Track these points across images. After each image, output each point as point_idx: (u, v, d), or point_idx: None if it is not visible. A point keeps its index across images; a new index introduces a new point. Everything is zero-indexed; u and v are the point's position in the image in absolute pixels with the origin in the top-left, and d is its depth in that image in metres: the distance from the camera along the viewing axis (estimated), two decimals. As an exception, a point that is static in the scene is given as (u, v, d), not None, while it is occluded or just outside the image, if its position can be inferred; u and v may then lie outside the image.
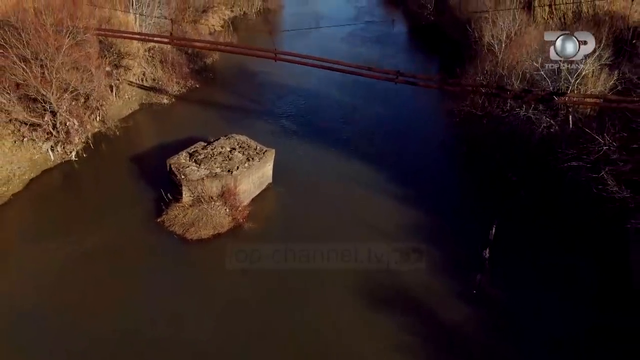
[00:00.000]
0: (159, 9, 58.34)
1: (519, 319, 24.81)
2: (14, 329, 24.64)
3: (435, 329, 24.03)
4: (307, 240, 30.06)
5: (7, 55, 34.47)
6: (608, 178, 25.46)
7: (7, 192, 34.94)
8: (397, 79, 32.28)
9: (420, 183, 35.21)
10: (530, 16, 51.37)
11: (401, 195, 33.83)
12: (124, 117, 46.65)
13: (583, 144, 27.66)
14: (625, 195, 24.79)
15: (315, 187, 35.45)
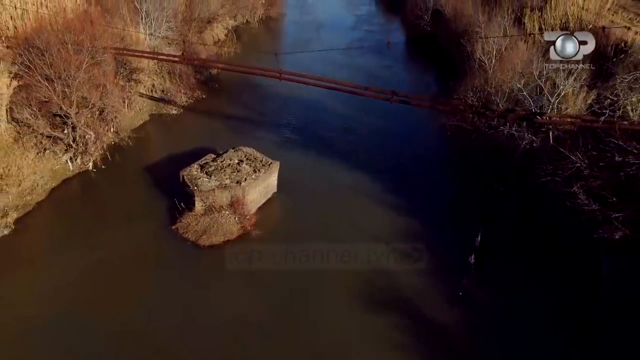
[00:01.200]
0: (167, 22, 61.20)
1: (501, 319, 27.47)
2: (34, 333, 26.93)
3: (424, 328, 26.75)
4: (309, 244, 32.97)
5: (32, 75, 37.30)
6: (579, 192, 28.29)
7: (31, 201, 37.66)
8: (392, 99, 35.17)
9: (413, 192, 37.91)
10: (521, 31, 54.21)
11: (396, 204, 36.57)
12: (136, 128, 49.22)
13: (558, 160, 30.53)
14: (594, 208, 27.63)
15: (316, 196, 38.18)
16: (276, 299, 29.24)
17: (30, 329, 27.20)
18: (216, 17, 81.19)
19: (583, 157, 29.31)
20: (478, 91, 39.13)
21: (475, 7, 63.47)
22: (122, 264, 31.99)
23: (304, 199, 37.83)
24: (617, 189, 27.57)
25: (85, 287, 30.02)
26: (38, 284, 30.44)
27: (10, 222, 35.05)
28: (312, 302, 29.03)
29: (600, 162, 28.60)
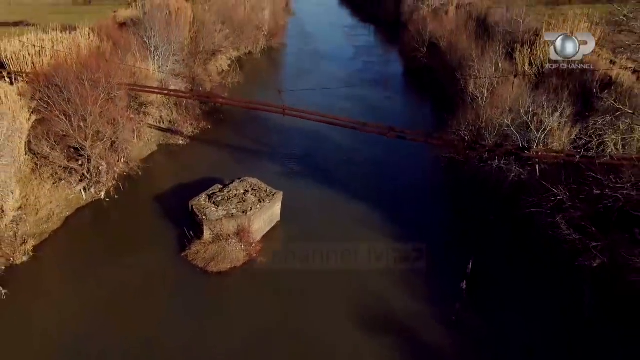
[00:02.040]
0: (174, 56, 64.08)
1: (492, 342, 29.40)
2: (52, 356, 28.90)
3: (419, 350, 28.69)
4: (311, 269, 35.15)
5: (51, 110, 39.78)
6: (561, 223, 30.52)
7: (47, 229, 39.75)
8: (389, 134, 37.63)
9: (409, 221, 39.94)
10: (513, 65, 56.89)
11: (393, 232, 38.57)
12: (145, 158, 51.47)
13: (543, 193, 32.82)
14: (574, 238, 29.83)
15: (318, 225, 40.27)
16: (279, 323, 31.17)
17: (49, 351, 29.11)
18: (220, 49, 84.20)
19: (565, 190, 31.64)
20: (470, 126, 41.48)
21: (469, 42, 66.59)
22: (135, 289, 33.91)
23: (306, 227, 39.89)
24: (596, 220, 29.81)
25: (100, 312, 31.87)
26: (55, 309, 32.33)
27: (29, 250, 37.03)
28: (312, 323, 30.94)
29: (581, 194, 30.92)
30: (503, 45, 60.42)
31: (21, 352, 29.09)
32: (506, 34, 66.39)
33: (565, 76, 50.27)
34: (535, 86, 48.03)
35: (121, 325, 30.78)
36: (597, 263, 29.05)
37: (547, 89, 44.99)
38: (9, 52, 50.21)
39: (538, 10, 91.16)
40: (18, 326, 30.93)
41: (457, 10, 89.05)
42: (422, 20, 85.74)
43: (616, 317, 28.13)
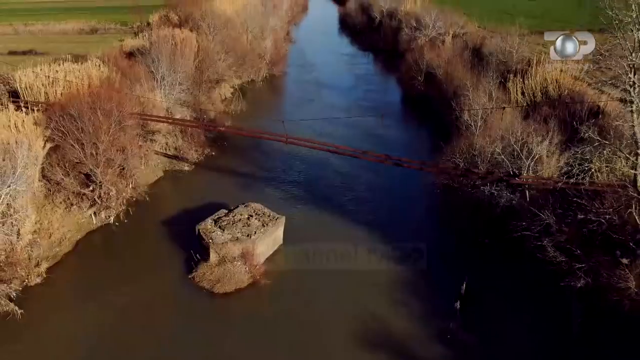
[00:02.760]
0: (180, 85, 66.51)
1: (485, 359, 31.10)
2: None
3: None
4: (312, 291, 37.02)
5: (66, 139, 41.87)
6: (548, 246, 32.34)
7: (60, 252, 41.58)
8: (386, 161, 39.67)
9: (406, 243, 41.58)
10: (506, 93, 59.15)
11: (390, 255, 40.28)
12: (152, 184, 53.47)
13: (531, 217, 34.71)
14: (561, 260, 31.61)
15: (319, 248, 41.72)
16: (283, 343, 32.76)
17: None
18: (223, 77, 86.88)
19: (551, 214, 33.50)
20: (464, 153, 43.45)
21: (465, 71, 69.08)
22: (143, 310, 35.64)
23: (307, 250, 41.42)
24: (580, 242, 31.62)
25: (109, 332, 33.61)
26: (67, 329, 34.10)
27: (42, 272, 38.85)
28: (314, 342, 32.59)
29: (566, 219, 32.78)
30: (497, 75, 62.97)
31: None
32: (500, 63, 68.78)
33: (556, 105, 52.77)
34: (526, 115, 50.14)
35: (130, 345, 32.42)
36: (582, 283, 30.78)
37: (537, 117, 47.21)
38: (23, 82, 52.67)
39: (532, 39, 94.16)
40: (32, 346, 32.68)
41: (453, 40, 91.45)
42: (419, 50, 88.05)
43: (601, 334, 29.74)
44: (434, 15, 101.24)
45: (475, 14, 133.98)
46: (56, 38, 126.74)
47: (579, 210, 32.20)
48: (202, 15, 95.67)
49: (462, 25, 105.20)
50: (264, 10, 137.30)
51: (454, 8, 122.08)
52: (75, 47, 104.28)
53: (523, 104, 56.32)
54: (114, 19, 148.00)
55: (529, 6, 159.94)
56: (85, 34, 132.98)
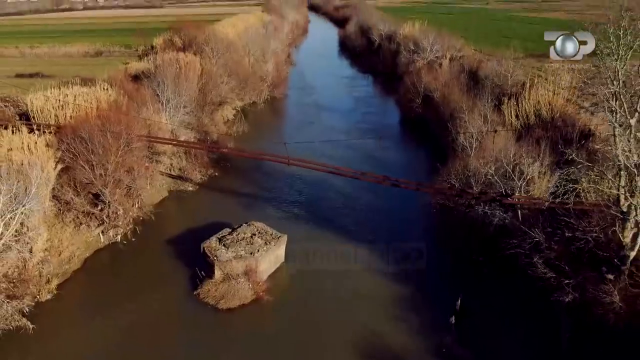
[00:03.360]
0: (184, 107, 68.49)
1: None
2: None
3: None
4: (312, 307, 38.46)
5: (76, 160, 43.62)
6: (538, 263, 33.89)
7: (69, 269, 43.04)
8: (384, 182, 41.33)
9: (404, 261, 43.05)
10: (500, 116, 61.02)
11: (388, 272, 41.70)
12: (157, 203, 55.07)
13: (522, 236, 36.32)
14: (550, 276, 33.14)
15: (319, 265, 43.26)
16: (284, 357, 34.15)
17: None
18: (226, 99, 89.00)
19: (541, 232, 35.10)
20: (459, 174, 45.13)
21: (461, 94, 71.13)
22: (150, 326, 37.01)
23: (308, 268, 42.93)
24: (569, 259, 33.16)
25: (117, 347, 34.84)
26: (76, 344, 35.41)
27: (53, 288, 40.30)
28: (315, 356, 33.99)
29: (555, 237, 34.36)
30: (492, 98, 64.82)
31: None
32: (495, 86, 70.69)
33: (548, 127, 54.64)
34: (519, 137, 51.88)
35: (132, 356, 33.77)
36: (570, 298, 32.21)
37: (530, 139, 48.95)
38: (34, 105, 54.60)
39: (527, 62, 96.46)
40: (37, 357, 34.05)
41: (450, 63, 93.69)
42: (417, 73, 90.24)
43: (589, 347, 31.14)
44: (431, 38, 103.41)
45: (473, 37, 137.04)
46: (62, 61, 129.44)
47: (567, 228, 33.75)
48: (206, 39, 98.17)
49: (459, 48, 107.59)
50: (265, 33, 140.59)
51: (452, 31, 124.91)
52: (81, 70, 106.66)
53: (517, 126, 58.22)
54: (118, 41, 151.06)
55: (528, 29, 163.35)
56: (90, 57, 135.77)
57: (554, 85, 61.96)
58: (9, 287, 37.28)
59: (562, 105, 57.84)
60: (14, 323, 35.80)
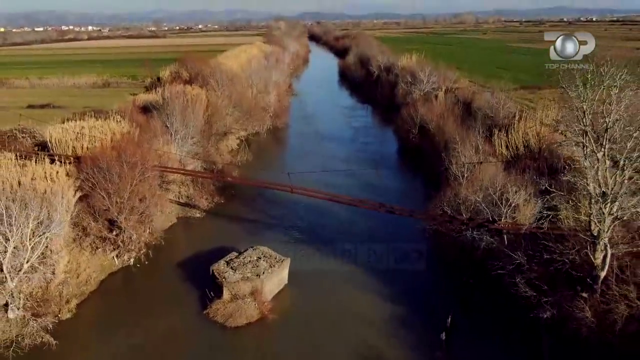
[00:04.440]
0: (192, 138, 72.24)
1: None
2: None
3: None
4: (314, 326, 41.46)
5: (95, 189, 47.08)
6: (520, 283, 37.09)
7: (86, 291, 46.10)
8: (380, 209, 44.73)
9: (399, 283, 46.13)
10: (491, 147, 64.62)
11: (387, 293, 44.73)
12: (166, 229, 58.18)
13: (505, 258, 39.57)
14: (530, 294, 36.32)
15: (320, 287, 46.40)
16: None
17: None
18: (231, 130, 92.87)
19: (523, 255, 38.37)
20: (451, 202, 48.49)
21: (455, 125, 74.83)
22: (162, 343, 39.93)
23: (310, 289, 46.04)
24: (547, 279, 36.34)
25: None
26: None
27: (72, 308, 43.31)
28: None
29: (535, 259, 37.62)
30: (484, 129, 68.53)
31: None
32: (487, 118, 74.53)
33: (536, 158, 58.24)
34: (507, 167, 55.37)
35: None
36: (548, 314, 35.34)
37: (517, 169, 52.47)
38: (53, 137, 58.28)
39: (520, 94, 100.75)
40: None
41: (445, 95, 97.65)
42: (414, 104, 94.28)
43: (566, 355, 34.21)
44: (427, 71, 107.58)
45: (468, 69, 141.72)
46: (71, 91, 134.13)
47: (546, 251, 37.01)
48: (211, 72, 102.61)
49: (455, 80, 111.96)
50: (267, 64, 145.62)
51: (448, 63, 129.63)
52: (89, 101, 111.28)
53: (506, 156, 61.88)
54: (125, 72, 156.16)
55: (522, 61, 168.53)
56: (98, 88, 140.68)
57: (542, 117, 65.85)
58: (34, 306, 40.33)
59: (549, 137, 61.22)
60: (39, 339, 38.75)
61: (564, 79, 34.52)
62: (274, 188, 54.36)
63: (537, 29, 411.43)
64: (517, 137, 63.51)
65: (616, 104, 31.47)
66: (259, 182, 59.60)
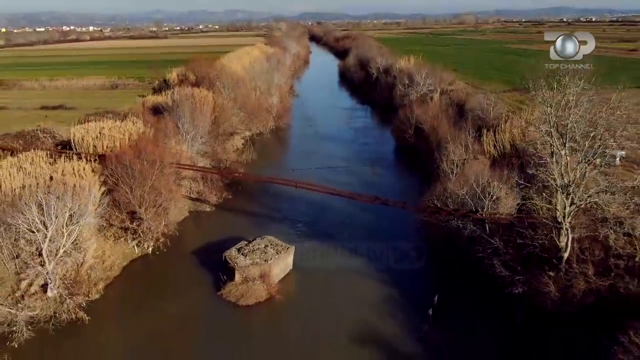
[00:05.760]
0: (201, 138, 77.46)
1: (450, 351, 40.20)
2: None
3: (396, 355, 39.69)
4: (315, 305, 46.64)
5: (118, 184, 52.29)
6: (496, 264, 42.32)
7: (111, 275, 51.22)
8: (375, 201, 49.94)
9: (394, 268, 51.13)
10: (480, 146, 69.71)
11: (381, 277, 49.78)
12: (179, 222, 63.34)
13: (485, 243, 44.79)
14: (505, 274, 41.54)
15: (321, 273, 51.44)
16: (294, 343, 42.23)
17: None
18: (236, 130, 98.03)
19: (500, 240, 43.64)
20: (440, 195, 53.62)
21: (448, 126, 79.83)
22: (181, 320, 45.06)
23: (312, 274, 51.18)
24: (520, 261, 41.59)
25: (153, 337, 42.97)
26: (122, 332, 43.94)
27: (100, 289, 48.46)
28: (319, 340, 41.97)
29: (510, 244, 42.87)
30: (474, 129, 73.56)
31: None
32: (478, 119, 79.53)
33: (520, 155, 63.35)
34: (493, 164, 60.42)
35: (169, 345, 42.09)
36: (520, 290, 40.58)
37: (502, 166, 57.54)
38: (76, 136, 63.50)
39: (511, 96, 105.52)
40: (95, 343, 42.42)
41: (440, 97, 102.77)
42: (410, 105, 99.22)
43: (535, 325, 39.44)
44: (424, 73, 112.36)
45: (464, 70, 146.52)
46: (81, 93, 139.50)
47: (520, 237, 42.25)
48: (216, 75, 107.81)
49: (450, 82, 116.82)
50: (269, 66, 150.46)
51: (445, 64, 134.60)
52: (100, 102, 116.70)
53: (494, 154, 66.99)
54: (131, 74, 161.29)
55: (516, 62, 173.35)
56: (107, 89, 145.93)
57: (528, 117, 70.88)
58: (68, 287, 45.52)
59: (533, 135, 66.30)
60: (74, 315, 43.93)
61: (533, 85, 39.64)
62: (281, 183, 59.51)
63: (536, 29, 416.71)
64: (504, 136, 68.53)
65: (575, 107, 36.64)
66: (267, 178, 64.86)
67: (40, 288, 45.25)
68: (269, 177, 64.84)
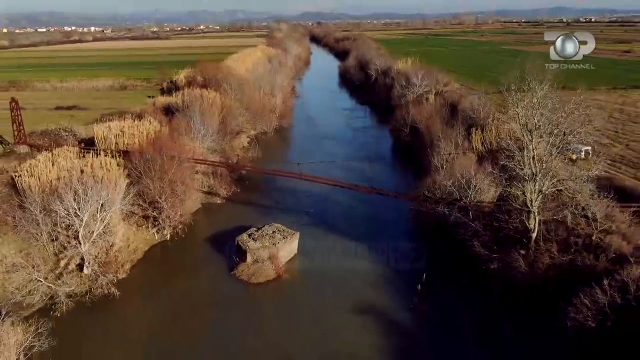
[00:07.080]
0: (211, 136, 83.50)
1: (436, 321, 46.16)
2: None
3: (387, 325, 45.64)
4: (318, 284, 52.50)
5: (141, 176, 58.41)
6: (476, 245, 48.44)
7: (134, 258, 57.27)
8: (372, 192, 56.16)
9: (388, 252, 57.06)
10: (470, 144, 75.75)
11: (376, 258, 55.85)
12: (193, 212, 69.34)
13: (466, 227, 50.91)
14: (484, 253, 47.69)
15: (324, 256, 57.42)
16: (299, 316, 48.27)
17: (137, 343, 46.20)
18: (242, 129, 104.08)
19: (480, 224, 49.81)
20: (430, 187, 59.76)
21: (441, 125, 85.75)
22: (199, 296, 51.21)
23: (315, 257, 57.16)
24: (496, 242, 47.74)
25: (175, 311, 48.72)
26: (147, 305, 49.93)
27: (126, 270, 54.52)
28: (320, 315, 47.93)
29: (488, 227, 49.00)
30: (464, 128, 79.60)
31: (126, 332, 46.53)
32: (469, 118, 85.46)
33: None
34: (480, 158, 66.52)
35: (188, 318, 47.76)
36: (495, 266, 46.73)
37: (487, 160, 63.62)
38: (99, 134, 69.64)
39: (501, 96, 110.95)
40: (125, 314, 48.52)
41: (435, 98, 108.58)
42: (406, 106, 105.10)
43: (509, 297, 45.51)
44: (420, 75, 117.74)
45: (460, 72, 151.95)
46: (92, 94, 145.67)
47: (497, 221, 48.42)
48: (223, 77, 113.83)
49: (445, 83, 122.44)
50: (272, 67, 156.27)
51: (441, 66, 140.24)
52: (111, 103, 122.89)
53: (481, 150, 73.05)
54: (139, 75, 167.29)
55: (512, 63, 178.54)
56: (116, 90, 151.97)
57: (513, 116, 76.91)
58: (101, 265, 51.63)
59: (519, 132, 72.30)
60: (107, 290, 50.01)
61: (505, 87, 45.78)
62: (287, 175, 65.75)
63: (535, 30, 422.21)
64: (491, 134, 74.56)
65: (540, 108, 42.77)
66: (275, 171, 71.14)
67: (76, 267, 51.41)
68: (276, 170, 70.99)
